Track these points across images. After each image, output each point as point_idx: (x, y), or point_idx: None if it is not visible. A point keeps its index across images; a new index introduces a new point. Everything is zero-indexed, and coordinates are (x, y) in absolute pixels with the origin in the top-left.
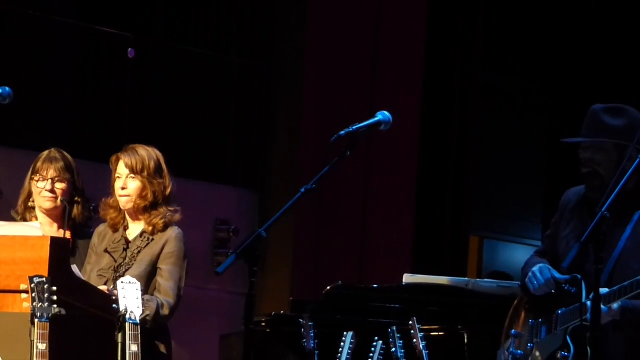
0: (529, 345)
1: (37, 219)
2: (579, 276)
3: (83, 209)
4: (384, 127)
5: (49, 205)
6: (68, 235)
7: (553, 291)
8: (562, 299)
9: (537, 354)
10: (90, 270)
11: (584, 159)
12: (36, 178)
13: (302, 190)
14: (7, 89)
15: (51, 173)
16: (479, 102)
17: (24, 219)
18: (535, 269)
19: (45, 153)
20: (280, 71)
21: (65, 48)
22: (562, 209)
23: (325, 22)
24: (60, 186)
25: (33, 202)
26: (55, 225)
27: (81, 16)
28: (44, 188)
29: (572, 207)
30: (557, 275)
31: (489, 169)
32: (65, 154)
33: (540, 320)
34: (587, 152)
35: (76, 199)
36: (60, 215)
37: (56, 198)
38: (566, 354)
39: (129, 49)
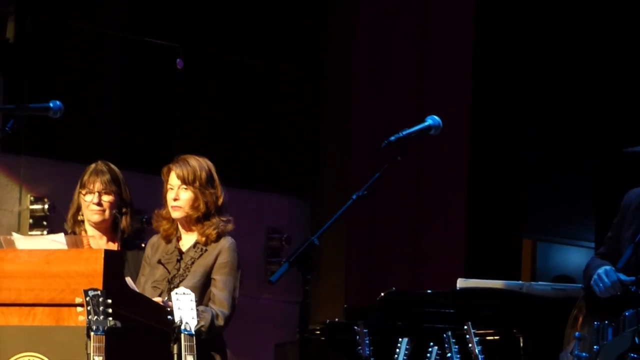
0: (595, 347)
1: (86, 233)
2: None
3: (131, 221)
4: (434, 132)
5: (96, 218)
6: (116, 246)
7: (619, 293)
8: (628, 301)
9: (604, 356)
10: (144, 282)
11: None
12: (83, 191)
13: (354, 196)
14: (58, 102)
15: (98, 186)
16: (530, 103)
17: (74, 233)
18: (601, 271)
19: (92, 166)
20: (329, 78)
21: (114, 60)
22: (623, 210)
23: (372, 28)
24: (107, 199)
25: (82, 215)
26: (105, 238)
27: (130, 28)
28: (92, 201)
29: (635, 209)
30: (622, 277)
31: (541, 171)
32: (112, 166)
33: (606, 322)
34: None
35: (124, 210)
36: (109, 228)
37: (104, 211)
38: (636, 355)
39: (178, 60)
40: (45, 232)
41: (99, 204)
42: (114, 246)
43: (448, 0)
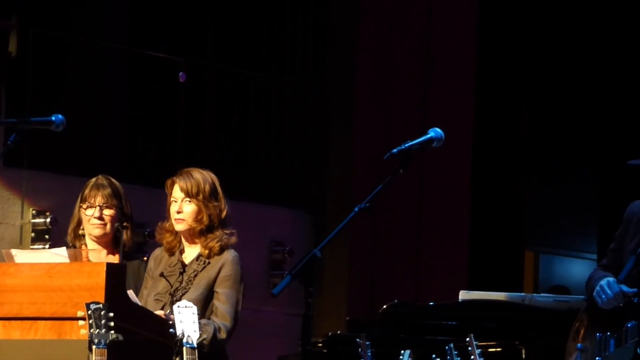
0: (597, 359)
1: (87, 247)
2: None
3: (132, 235)
4: (436, 144)
5: (98, 232)
6: (117, 259)
7: (621, 304)
8: (630, 312)
9: None
10: (146, 295)
11: None
12: (84, 206)
13: (356, 209)
14: (60, 116)
15: (99, 200)
16: (532, 116)
17: (74, 247)
18: (603, 282)
19: (93, 180)
20: (332, 90)
21: (117, 73)
22: (626, 222)
23: (375, 40)
24: (108, 212)
25: (83, 230)
26: (105, 252)
27: (132, 41)
28: (93, 215)
29: (637, 220)
30: (625, 288)
31: (543, 184)
32: (113, 180)
33: (608, 333)
34: None
35: (125, 224)
36: (110, 242)
37: (105, 225)
38: None
39: (180, 73)
40: (47, 246)
41: (100, 217)
42: (114, 259)
43: (451, 13)
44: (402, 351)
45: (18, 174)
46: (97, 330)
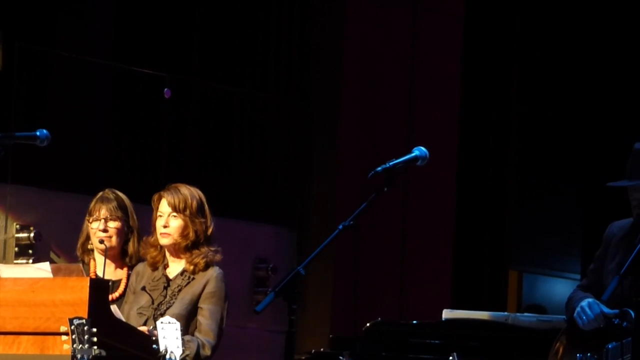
0: None
1: (95, 262)
2: (630, 310)
3: (139, 247)
4: (420, 163)
5: (103, 245)
6: (125, 273)
7: (602, 326)
8: (611, 333)
9: None
10: (128, 309)
11: (639, 200)
12: (90, 219)
13: (340, 227)
14: (45, 131)
15: (103, 212)
16: (516, 135)
17: (82, 262)
18: (584, 303)
19: (99, 194)
20: (317, 108)
21: (102, 89)
22: (606, 243)
23: (360, 59)
24: (113, 225)
25: (91, 244)
26: (112, 266)
27: (117, 57)
28: (98, 228)
29: (617, 241)
30: (605, 310)
31: (527, 203)
32: (119, 193)
33: (588, 354)
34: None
35: (130, 237)
36: (117, 256)
37: (110, 237)
38: None
39: (165, 89)
40: (30, 261)
41: (105, 230)
42: (122, 273)
43: (437, 32)
44: None
45: (2, 188)
46: (80, 345)
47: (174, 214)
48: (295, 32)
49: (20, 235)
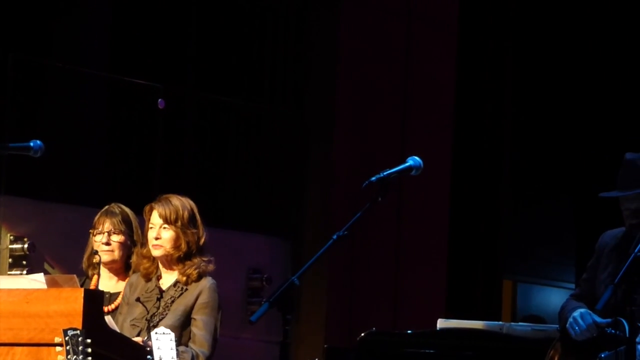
0: None
1: (99, 276)
2: (623, 320)
3: None
4: (415, 172)
5: (106, 258)
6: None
7: (595, 335)
8: (604, 342)
9: None
10: (122, 321)
11: (632, 210)
12: (94, 232)
13: (334, 236)
14: (39, 142)
15: (107, 226)
16: (510, 145)
17: (87, 276)
18: (576, 314)
19: (105, 208)
20: (312, 119)
21: (96, 100)
22: (598, 252)
23: (355, 69)
24: (116, 239)
25: (96, 258)
26: (115, 279)
27: (111, 68)
28: (101, 241)
29: (609, 251)
30: (598, 319)
31: (521, 213)
32: (124, 207)
33: None
34: (633, 202)
35: (134, 250)
36: (120, 269)
37: (112, 251)
38: None
39: (159, 100)
40: (24, 272)
41: (108, 243)
42: (123, 286)
43: (431, 42)
44: None
45: None
46: (74, 356)
47: (166, 225)
48: (291, 43)
49: (14, 246)
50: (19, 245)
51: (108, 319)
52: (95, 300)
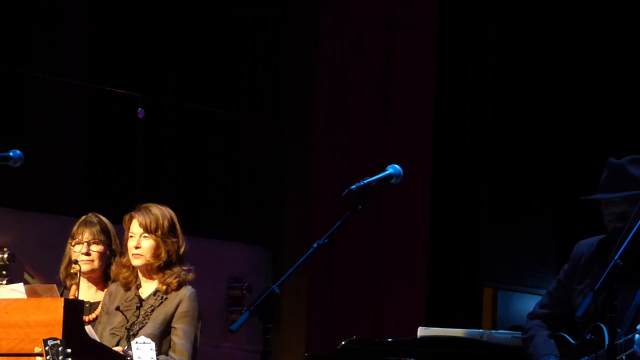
0: None
1: (78, 286)
2: (602, 324)
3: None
4: (395, 180)
5: (85, 268)
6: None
7: None
8: (584, 348)
9: None
10: (102, 330)
11: (617, 214)
12: (73, 242)
13: (315, 245)
14: (18, 151)
15: (86, 236)
16: (490, 152)
17: (65, 286)
18: None
19: (82, 218)
20: (291, 127)
21: (76, 109)
22: (574, 262)
23: (334, 78)
24: (95, 248)
25: (74, 268)
26: (94, 289)
27: (91, 77)
28: (80, 251)
29: (586, 261)
30: None
31: (501, 220)
32: (102, 217)
33: None
34: (619, 206)
35: (113, 260)
36: (98, 279)
37: (92, 261)
38: None
39: (139, 109)
40: (4, 282)
41: (87, 253)
42: (102, 296)
43: (410, 50)
44: None
45: None
46: None
47: (145, 234)
48: (270, 52)
49: None
50: None
51: (88, 328)
52: (75, 310)
